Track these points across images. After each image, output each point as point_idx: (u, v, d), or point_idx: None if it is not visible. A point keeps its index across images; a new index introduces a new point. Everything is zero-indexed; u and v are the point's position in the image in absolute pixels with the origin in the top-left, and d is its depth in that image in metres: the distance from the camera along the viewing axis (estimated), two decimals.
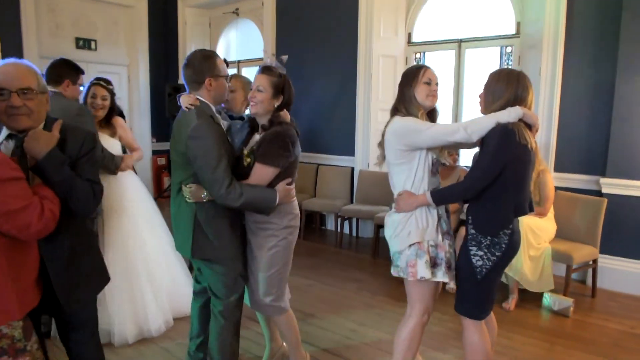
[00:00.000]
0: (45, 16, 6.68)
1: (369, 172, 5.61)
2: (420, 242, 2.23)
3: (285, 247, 2.39)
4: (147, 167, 7.95)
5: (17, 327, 1.67)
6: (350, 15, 5.59)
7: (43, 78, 1.82)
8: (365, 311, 3.63)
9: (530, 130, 2.10)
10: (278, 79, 2.30)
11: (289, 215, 2.38)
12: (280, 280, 2.42)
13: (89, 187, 1.78)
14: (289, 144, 2.25)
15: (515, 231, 2.17)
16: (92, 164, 1.85)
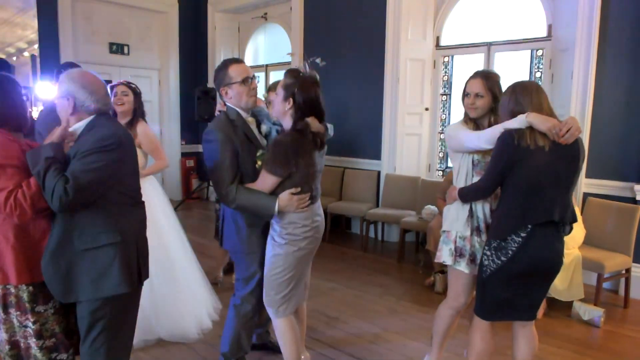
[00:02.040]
0: (81, 23, 6.90)
1: (395, 175, 5.58)
2: (449, 231, 2.44)
3: (287, 255, 2.33)
4: (176, 169, 8.10)
5: (25, 290, 1.92)
6: (378, 18, 5.59)
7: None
8: (390, 316, 3.62)
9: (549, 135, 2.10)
10: (291, 81, 2.28)
11: (294, 224, 2.32)
12: (278, 286, 2.37)
13: (57, 184, 1.77)
14: (288, 153, 2.21)
15: (532, 245, 2.11)
16: (83, 164, 1.83)
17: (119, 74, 6.91)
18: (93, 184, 1.82)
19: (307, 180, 2.33)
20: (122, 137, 1.93)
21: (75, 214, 1.88)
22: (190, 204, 7.61)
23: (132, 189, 2.01)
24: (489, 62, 5.17)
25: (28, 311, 1.96)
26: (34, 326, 1.97)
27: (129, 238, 1.96)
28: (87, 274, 1.89)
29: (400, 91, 5.52)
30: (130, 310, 2.07)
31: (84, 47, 6.94)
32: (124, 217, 1.96)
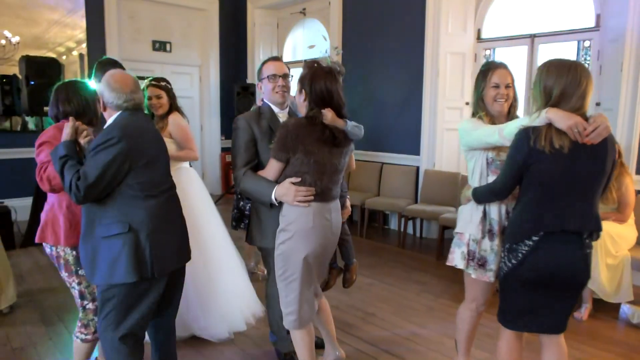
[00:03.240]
0: (126, 22, 7.11)
1: (434, 171, 5.50)
2: (462, 233, 2.33)
3: (288, 255, 2.24)
4: (216, 163, 8.25)
5: (70, 254, 2.30)
6: (417, 12, 5.50)
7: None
8: (427, 314, 3.58)
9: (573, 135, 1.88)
10: (304, 72, 2.27)
11: (295, 221, 2.22)
12: (285, 287, 2.29)
13: (72, 181, 1.98)
14: (287, 136, 2.17)
15: (543, 251, 1.95)
16: (92, 161, 2.00)
17: (161, 70, 7.09)
18: (100, 180, 1.97)
19: (310, 171, 2.20)
20: (130, 130, 2.04)
21: (93, 204, 2.05)
22: (229, 199, 7.72)
23: (144, 181, 2.07)
24: (533, 54, 5.00)
25: (73, 273, 2.33)
26: (78, 287, 2.35)
27: (139, 230, 2.04)
28: (105, 260, 2.04)
29: (440, 85, 5.43)
30: (140, 299, 2.12)
31: (129, 45, 7.15)
32: (134, 209, 2.05)
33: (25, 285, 4.02)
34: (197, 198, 3.21)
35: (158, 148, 2.20)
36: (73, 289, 2.37)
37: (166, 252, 2.14)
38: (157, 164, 2.16)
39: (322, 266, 2.44)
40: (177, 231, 2.26)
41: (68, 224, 2.27)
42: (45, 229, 2.31)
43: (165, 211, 2.16)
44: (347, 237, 2.94)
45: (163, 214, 2.14)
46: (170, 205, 2.22)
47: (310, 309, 2.34)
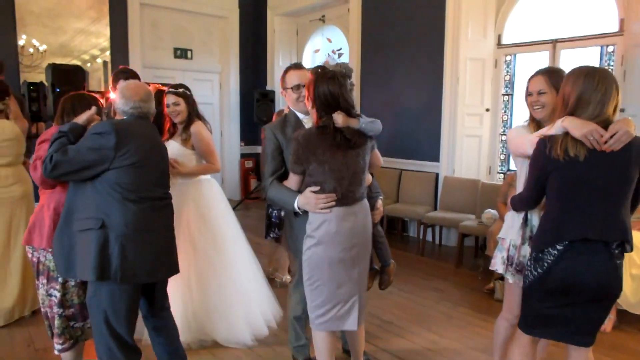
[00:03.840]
0: (148, 30, 7.24)
1: (454, 178, 5.45)
2: (504, 238, 2.33)
3: (312, 260, 2.26)
4: (235, 169, 8.32)
5: (51, 261, 2.26)
6: (436, 18, 5.48)
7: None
8: (446, 322, 3.53)
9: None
10: (311, 78, 2.29)
11: (318, 227, 2.25)
12: (310, 293, 2.31)
13: (53, 150, 2.07)
14: (299, 150, 2.22)
15: (567, 261, 1.91)
16: (80, 142, 2.13)
17: (182, 77, 7.19)
18: (75, 160, 2.03)
19: (327, 179, 2.21)
20: (123, 130, 2.11)
21: (75, 194, 2.12)
22: (248, 204, 7.79)
23: (126, 182, 2.10)
24: (555, 60, 4.93)
25: (54, 279, 2.29)
26: (58, 294, 2.30)
27: (111, 230, 2.06)
28: (79, 254, 2.07)
29: (459, 92, 5.39)
30: (118, 303, 2.15)
31: (151, 52, 7.28)
32: (111, 209, 2.08)
33: None
34: (219, 208, 3.22)
35: (152, 155, 2.23)
36: (49, 296, 2.31)
37: (136, 262, 2.11)
38: (145, 169, 2.17)
39: (354, 269, 2.33)
40: (157, 244, 2.22)
41: (53, 226, 2.24)
42: (32, 231, 2.32)
43: (144, 220, 2.15)
44: (381, 239, 2.91)
45: (141, 222, 2.13)
46: (153, 216, 2.20)
47: (338, 313, 2.31)
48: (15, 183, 3.43)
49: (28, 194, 3.55)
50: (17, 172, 3.47)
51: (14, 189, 3.42)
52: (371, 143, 2.38)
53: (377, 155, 2.53)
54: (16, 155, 3.44)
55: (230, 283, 3.10)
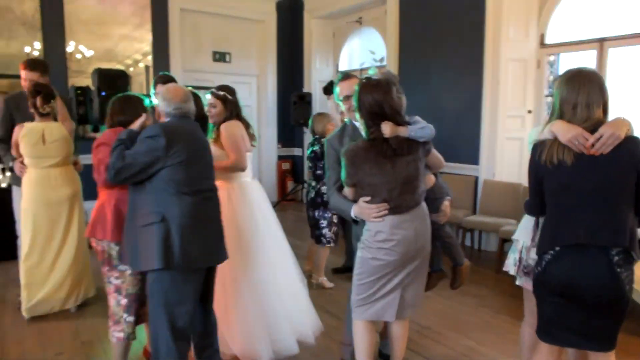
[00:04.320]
0: (188, 35, 7.40)
1: (494, 182, 5.33)
2: (517, 240, 2.34)
3: (364, 260, 2.33)
4: (272, 171, 8.40)
5: (114, 249, 2.46)
6: (476, 18, 5.37)
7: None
8: (485, 329, 3.46)
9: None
10: (356, 89, 2.32)
11: (370, 232, 2.31)
12: (357, 287, 2.38)
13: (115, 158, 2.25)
14: (347, 164, 2.28)
15: (561, 264, 1.90)
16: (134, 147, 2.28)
17: (220, 80, 7.21)
18: (133, 165, 2.20)
19: (378, 190, 2.25)
20: (170, 131, 2.27)
21: (137, 194, 2.29)
22: (285, 205, 7.85)
23: (179, 178, 2.26)
24: (602, 59, 4.75)
25: (114, 267, 2.49)
26: (115, 281, 2.50)
27: (171, 221, 2.23)
28: (143, 247, 2.25)
29: (500, 93, 5.26)
30: (180, 290, 2.29)
31: (190, 56, 7.45)
32: (168, 203, 2.25)
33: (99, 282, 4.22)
34: (261, 210, 3.19)
35: (198, 151, 2.39)
36: (109, 283, 2.52)
37: (195, 248, 2.29)
38: (195, 165, 2.34)
39: (402, 272, 2.33)
40: (211, 231, 2.41)
41: (115, 220, 2.45)
42: (95, 225, 2.51)
43: (199, 210, 2.33)
44: (449, 240, 2.88)
45: (197, 212, 2.31)
46: (206, 206, 2.40)
47: (380, 309, 2.36)
48: (64, 184, 3.56)
49: (77, 194, 3.67)
50: (65, 172, 3.59)
51: (62, 190, 3.54)
52: (426, 147, 2.36)
53: (435, 156, 2.53)
54: (64, 156, 3.57)
55: (276, 289, 3.03)
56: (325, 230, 4.18)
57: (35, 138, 3.41)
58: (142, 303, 2.56)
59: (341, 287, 4.13)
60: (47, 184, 3.49)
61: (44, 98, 3.43)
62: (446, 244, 2.86)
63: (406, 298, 2.40)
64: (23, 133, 3.41)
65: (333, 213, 4.16)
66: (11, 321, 3.51)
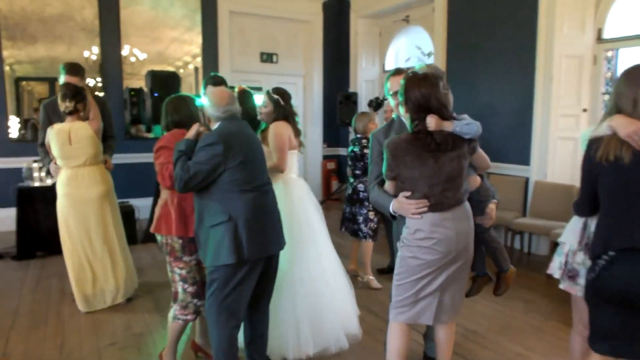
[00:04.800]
0: (237, 36, 7.56)
1: (546, 183, 5.14)
2: (564, 242, 2.25)
3: (403, 259, 2.29)
4: (317, 170, 8.44)
5: (177, 242, 2.63)
6: (529, 12, 5.20)
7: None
8: (534, 335, 3.34)
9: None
10: (401, 84, 2.29)
11: (409, 229, 2.26)
12: (396, 288, 2.34)
13: (180, 171, 2.37)
14: (389, 157, 2.24)
15: (617, 269, 1.79)
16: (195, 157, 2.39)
17: (267, 81, 7.42)
18: (198, 173, 2.33)
19: (419, 185, 2.20)
20: (226, 135, 2.39)
21: (202, 198, 2.43)
22: (329, 205, 7.87)
23: (239, 178, 2.39)
24: None
25: (178, 258, 2.65)
26: (180, 271, 2.67)
27: (237, 218, 2.37)
28: (212, 245, 2.38)
29: (553, 91, 5.07)
30: (240, 280, 2.42)
31: (239, 57, 7.60)
32: (232, 201, 2.38)
33: (144, 277, 4.41)
34: (306, 208, 3.22)
35: (253, 150, 2.51)
36: (174, 273, 2.69)
37: (260, 239, 2.44)
38: (251, 163, 2.46)
39: (443, 274, 2.26)
40: (271, 221, 2.54)
41: (178, 217, 2.61)
42: (159, 221, 2.67)
43: (260, 203, 2.47)
44: (494, 245, 2.75)
45: (258, 205, 2.45)
46: (265, 199, 2.53)
47: (418, 312, 2.30)
48: (94, 183, 3.63)
49: (107, 193, 3.72)
50: (95, 171, 3.65)
51: (92, 189, 3.62)
52: (471, 145, 2.30)
53: (481, 156, 2.46)
54: (92, 156, 3.62)
55: (322, 288, 3.06)
56: (362, 225, 4.20)
57: (62, 139, 3.51)
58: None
59: (386, 288, 4.09)
60: (77, 183, 3.58)
61: (63, 96, 3.54)
62: (491, 249, 2.75)
63: (444, 301, 2.32)
64: (52, 134, 3.54)
65: (369, 210, 4.19)
66: (69, 311, 3.69)
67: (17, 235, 4.99)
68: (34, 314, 3.66)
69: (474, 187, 2.46)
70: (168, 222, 2.64)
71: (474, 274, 2.74)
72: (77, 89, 3.60)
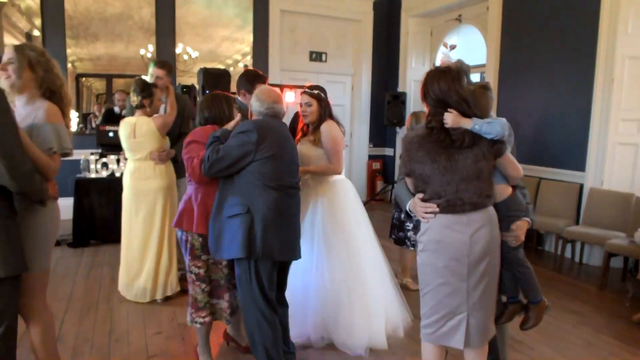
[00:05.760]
0: (287, 35, 7.64)
1: (602, 190, 4.90)
2: None
3: (419, 265, 2.19)
4: (362, 170, 8.41)
5: (197, 239, 2.61)
6: (589, 12, 4.97)
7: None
8: (585, 350, 3.20)
9: None
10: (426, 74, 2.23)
11: (421, 231, 2.17)
12: (421, 298, 2.20)
13: (209, 152, 2.43)
14: (403, 152, 2.20)
15: None
16: (228, 141, 2.45)
17: (316, 80, 7.44)
18: (227, 157, 2.37)
19: (429, 183, 2.10)
20: (261, 127, 2.43)
21: (225, 189, 2.46)
22: (373, 205, 7.83)
23: (265, 171, 2.41)
24: None
25: (197, 257, 2.63)
26: (198, 270, 2.64)
27: (255, 213, 2.38)
28: (227, 237, 2.40)
29: (614, 94, 4.82)
30: (263, 276, 2.44)
31: (288, 56, 7.67)
32: (254, 195, 2.40)
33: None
34: (352, 210, 3.19)
35: (285, 148, 2.52)
36: (191, 273, 2.67)
37: (275, 241, 2.42)
38: (280, 161, 2.46)
39: (465, 282, 2.09)
40: (290, 227, 2.52)
41: (201, 213, 2.59)
42: (182, 217, 2.66)
43: (281, 205, 2.45)
44: (522, 269, 2.34)
45: (279, 206, 2.44)
46: (289, 202, 2.51)
47: (443, 328, 2.14)
48: (154, 177, 3.70)
49: (166, 187, 3.76)
50: (156, 166, 3.71)
51: (151, 182, 3.70)
52: (496, 146, 2.10)
53: (509, 163, 2.18)
54: (154, 150, 3.70)
55: (359, 287, 3.05)
56: (410, 233, 4.11)
57: (128, 132, 3.65)
58: (226, 289, 2.70)
59: None
60: (139, 175, 3.70)
61: (133, 90, 3.66)
62: (517, 273, 2.36)
63: (472, 323, 2.12)
64: (120, 127, 3.70)
65: None
66: (118, 299, 3.85)
67: (74, 224, 5.24)
68: (86, 300, 3.85)
69: (502, 197, 2.23)
70: (190, 218, 2.61)
71: (506, 299, 2.47)
72: (145, 85, 3.70)
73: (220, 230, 2.44)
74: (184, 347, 3.14)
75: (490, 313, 2.20)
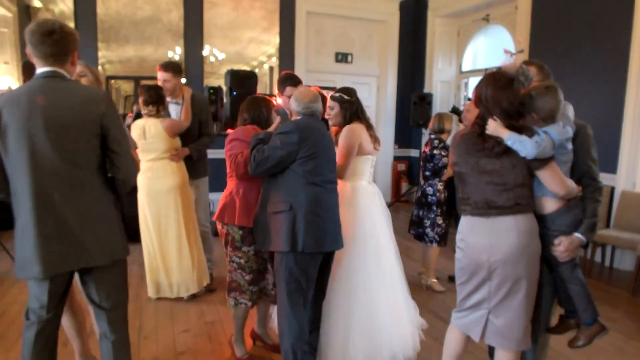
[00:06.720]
0: (313, 36, 7.67)
1: (635, 193, 4.78)
2: None
3: (457, 260, 2.33)
4: (388, 172, 8.38)
5: (237, 232, 2.78)
6: (622, 8, 4.85)
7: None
8: (616, 356, 3.14)
9: None
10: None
11: (458, 227, 2.33)
12: (457, 288, 2.38)
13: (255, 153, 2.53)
14: (451, 147, 2.35)
15: None
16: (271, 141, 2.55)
17: (342, 81, 7.44)
18: (270, 157, 2.47)
19: (462, 181, 2.25)
20: (302, 127, 2.52)
21: (269, 187, 2.57)
22: (398, 207, 7.80)
23: (307, 169, 2.50)
24: None
25: (238, 248, 2.80)
26: (239, 260, 2.82)
27: (298, 209, 2.47)
28: (273, 231, 2.51)
29: None
30: (301, 272, 2.51)
31: (314, 57, 7.70)
32: (296, 192, 2.49)
33: (217, 269, 4.57)
34: (373, 219, 3.02)
35: (324, 145, 2.60)
36: (232, 262, 2.84)
37: (317, 233, 2.50)
38: (321, 158, 2.55)
39: (487, 284, 2.14)
40: (332, 218, 2.59)
41: (242, 207, 2.74)
42: (223, 210, 2.80)
43: (322, 199, 2.53)
44: (572, 286, 2.23)
45: (320, 200, 2.52)
46: (329, 196, 2.59)
47: (467, 318, 2.32)
48: (166, 176, 3.78)
49: (180, 185, 3.83)
50: (169, 164, 3.80)
51: (164, 181, 3.78)
52: (531, 163, 2.07)
53: (549, 179, 2.08)
54: (164, 151, 3.78)
55: (382, 300, 2.94)
56: (428, 230, 4.12)
57: (139, 133, 3.74)
58: (268, 271, 2.92)
59: (453, 293, 4.00)
60: (152, 175, 3.78)
61: (144, 101, 3.73)
62: (569, 290, 2.25)
63: (496, 324, 2.17)
64: (132, 130, 3.78)
65: (437, 214, 4.11)
66: (146, 297, 3.94)
67: None
68: None
69: (547, 210, 2.16)
70: (232, 211, 2.77)
71: (564, 312, 2.41)
72: (156, 95, 3.74)
73: (266, 224, 2.57)
74: (211, 344, 3.20)
75: (518, 321, 2.16)
